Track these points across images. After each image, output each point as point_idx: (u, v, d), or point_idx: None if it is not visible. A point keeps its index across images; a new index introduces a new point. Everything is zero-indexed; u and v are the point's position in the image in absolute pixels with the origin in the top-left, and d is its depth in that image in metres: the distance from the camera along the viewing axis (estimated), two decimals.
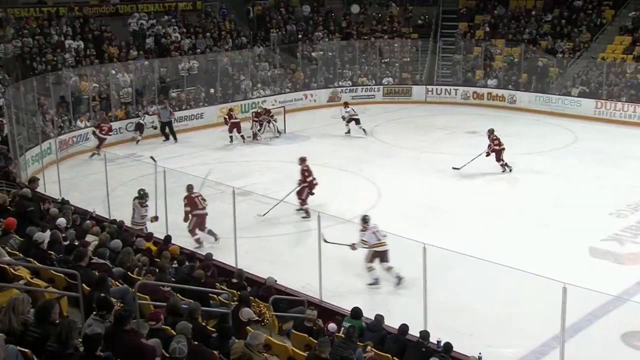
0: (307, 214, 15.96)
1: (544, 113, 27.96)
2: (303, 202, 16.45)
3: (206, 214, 14.39)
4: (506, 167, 19.57)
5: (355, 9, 34.99)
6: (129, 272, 9.93)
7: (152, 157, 16.27)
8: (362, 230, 12.59)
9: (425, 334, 8.96)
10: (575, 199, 17.26)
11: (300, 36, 32.66)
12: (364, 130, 24.26)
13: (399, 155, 20.33)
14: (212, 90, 27.69)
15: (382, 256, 12.58)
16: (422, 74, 32.66)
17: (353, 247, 12.72)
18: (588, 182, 18.59)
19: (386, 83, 31.86)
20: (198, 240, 14.40)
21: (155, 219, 14.30)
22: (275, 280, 11.01)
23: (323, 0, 36.09)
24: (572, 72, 29.30)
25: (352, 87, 31.44)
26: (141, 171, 19.09)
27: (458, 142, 22.70)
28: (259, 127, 24.29)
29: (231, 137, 23.86)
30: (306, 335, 8.85)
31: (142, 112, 24.75)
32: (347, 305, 10.40)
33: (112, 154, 18.95)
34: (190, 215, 14.42)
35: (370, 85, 31.77)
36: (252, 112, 25.12)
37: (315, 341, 8.31)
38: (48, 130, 21.43)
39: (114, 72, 25.46)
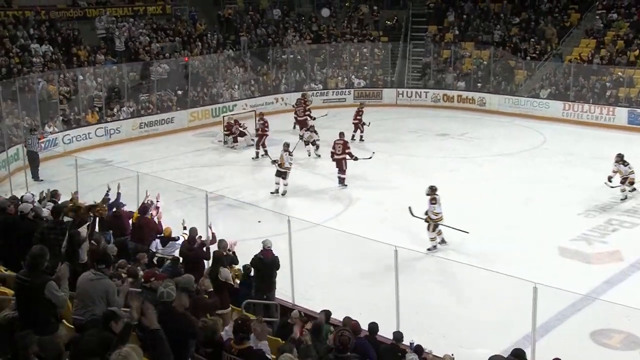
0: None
1: (513, 115, 28.27)
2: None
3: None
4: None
5: (325, 12, 35.03)
6: None
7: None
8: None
9: (398, 335, 8.97)
10: (544, 199, 17.45)
11: (270, 39, 32.61)
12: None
13: (371, 159, 20.38)
14: (180, 92, 27.49)
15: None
16: (392, 76, 32.83)
17: None
18: (557, 182, 18.82)
19: (357, 86, 31.95)
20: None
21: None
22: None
23: (293, 3, 36.09)
24: (540, 74, 29.66)
25: (322, 90, 31.48)
26: (112, 177, 18.89)
27: (429, 145, 22.83)
28: (232, 138, 23.85)
29: (257, 152, 22.30)
30: (279, 339, 8.80)
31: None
32: (318, 309, 10.37)
33: (83, 159, 18.69)
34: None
35: (341, 88, 31.84)
36: (226, 122, 24.63)
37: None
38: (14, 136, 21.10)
39: (81, 77, 25.12)
